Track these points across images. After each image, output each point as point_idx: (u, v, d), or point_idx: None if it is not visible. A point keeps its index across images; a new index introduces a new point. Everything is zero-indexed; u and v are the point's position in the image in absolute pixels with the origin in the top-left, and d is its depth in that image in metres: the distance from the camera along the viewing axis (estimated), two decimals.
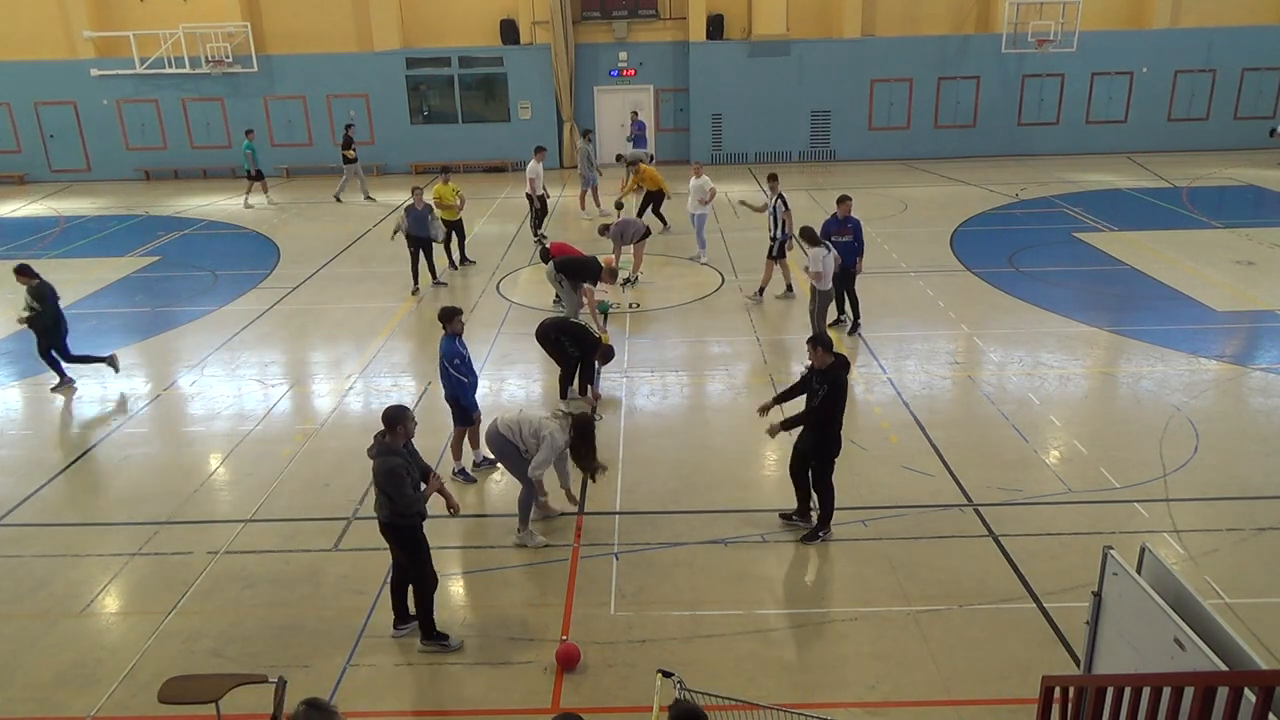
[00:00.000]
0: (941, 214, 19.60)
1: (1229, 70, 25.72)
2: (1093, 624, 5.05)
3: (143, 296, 15.50)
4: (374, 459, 6.27)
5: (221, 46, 25.01)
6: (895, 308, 13.72)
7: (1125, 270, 15.33)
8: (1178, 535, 7.69)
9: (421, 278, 15.07)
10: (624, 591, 7.16)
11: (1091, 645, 5.09)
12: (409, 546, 6.44)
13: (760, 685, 6.08)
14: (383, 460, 6.20)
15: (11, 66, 25.51)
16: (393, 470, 6.16)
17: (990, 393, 10.71)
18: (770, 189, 14.11)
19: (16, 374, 12.12)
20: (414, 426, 6.42)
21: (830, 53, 25.65)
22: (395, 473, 6.16)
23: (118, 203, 23.56)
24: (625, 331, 13.08)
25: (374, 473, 6.27)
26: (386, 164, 26.53)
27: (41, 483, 9.18)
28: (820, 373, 7.40)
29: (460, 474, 8.98)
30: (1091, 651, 5.10)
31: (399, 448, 6.29)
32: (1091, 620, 5.06)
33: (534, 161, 17.77)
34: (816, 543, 7.69)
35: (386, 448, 6.25)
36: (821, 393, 7.33)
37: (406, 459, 6.32)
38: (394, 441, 6.27)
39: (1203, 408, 10.10)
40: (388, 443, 6.26)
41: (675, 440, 9.77)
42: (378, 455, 6.25)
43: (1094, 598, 5.01)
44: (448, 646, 6.57)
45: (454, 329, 8.60)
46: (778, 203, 13.81)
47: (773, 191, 13.97)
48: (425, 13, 25.95)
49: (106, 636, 6.86)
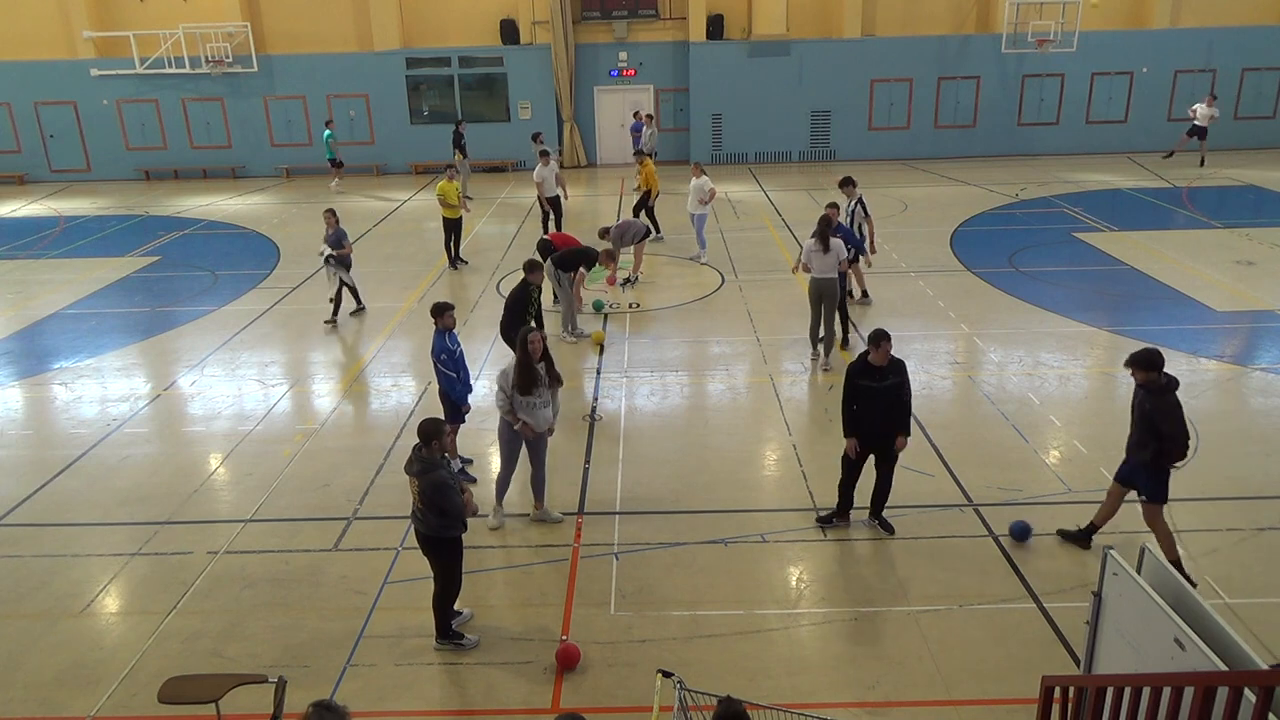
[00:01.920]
0: (941, 214, 19.60)
1: (1229, 70, 25.71)
2: (1093, 624, 5.06)
3: (143, 296, 15.50)
4: (418, 476, 6.13)
5: (221, 46, 25.00)
6: (895, 308, 13.72)
7: (1125, 270, 15.32)
8: (1178, 535, 7.67)
9: (344, 306, 13.93)
10: (624, 591, 7.16)
11: (1091, 645, 5.09)
12: (452, 557, 6.39)
13: (760, 685, 6.08)
14: (430, 476, 6.08)
15: (11, 66, 25.51)
16: (442, 484, 6.07)
17: (990, 393, 10.71)
18: (847, 194, 13.49)
19: (16, 374, 12.11)
20: (450, 440, 6.33)
21: (830, 53, 25.65)
22: (445, 486, 6.08)
23: (118, 203, 23.56)
24: (625, 331, 13.08)
25: (421, 490, 6.12)
26: (386, 164, 26.53)
27: (41, 483, 9.18)
28: (881, 369, 7.42)
29: (460, 474, 8.96)
30: (1091, 651, 5.10)
31: (440, 460, 6.20)
32: (1091, 620, 5.06)
33: (540, 165, 17.40)
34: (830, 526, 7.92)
35: (431, 462, 6.14)
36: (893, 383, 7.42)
37: (450, 470, 6.25)
38: (433, 454, 6.16)
39: (1203, 408, 10.09)
40: (427, 455, 6.15)
41: (675, 440, 9.77)
42: (422, 472, 6.11)
43: (1094, 598, 5.01)
44: (463, 645, 6.56)
45: (445, 324, 8.64)
46: (857, 207, 13.29)
47: (850, 196, 13.41)
48: (425, 13, 25.95)
49: (106, 636, 6.86)
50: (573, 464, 9.28)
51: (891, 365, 7.45)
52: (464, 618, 6.81)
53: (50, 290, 15.69)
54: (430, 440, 6.14)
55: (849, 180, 13.73)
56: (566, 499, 8.60)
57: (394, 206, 22.23)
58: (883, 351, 7.37)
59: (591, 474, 9.06)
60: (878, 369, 7.42)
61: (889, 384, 7.43)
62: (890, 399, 7.46)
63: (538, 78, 25.95)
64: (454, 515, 6.15)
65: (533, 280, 9.98)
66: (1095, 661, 5.08)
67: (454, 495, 6.11)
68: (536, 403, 7.69)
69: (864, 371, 7.48)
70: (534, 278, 10.00)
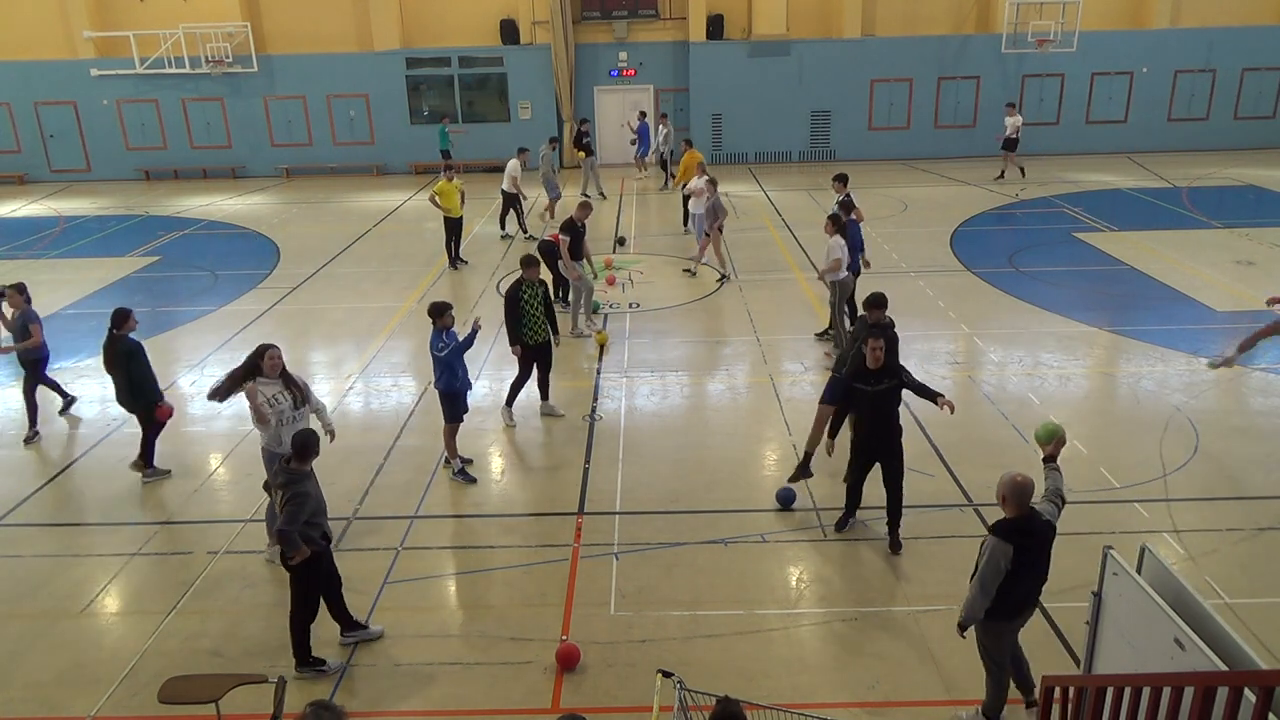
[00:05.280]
0: (941, 214, 19.60)
1: (1229, 70, 25.71)
2: (1093, 624, 5.06)
3: (143, 296, 15.49)
4: (281, 488, 6.00)
5: (221, 46, 25.00)
6: (895, 308, 13.56)
7: (1125, 270, 15.32)
8: (1178, 535, 7.69)
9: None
10: (624, 591, 7.16)
11: (1091, 645, 5.09)
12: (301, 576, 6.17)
13: (760, 685, 6.09)
14: (291, 488, 5.95)
15: (11, 66, 25.50)
16: (294, 497, 5.91)
17: (990, 393, 10.71)
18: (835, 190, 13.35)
19: (16, 374, 12.09)
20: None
21: (830, 53, 25.65)
22: (295, 501, 5.91)
23: (118, 203, 23.56)
24: (625, 331, 13.08)
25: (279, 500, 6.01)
26: (386, 164, 26.53)
27: (41, 483, 9.18)
28: (876, 373, 7.25)
29: (460, 474, 8.98)
30: (1091, 651, 5.10)
31: (305, 473, 6.09)
32: (1091, 620, 5.06)
33: (515, 160, 18.05)
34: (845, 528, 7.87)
35: (294, 475, 6.01)
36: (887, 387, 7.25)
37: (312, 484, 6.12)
38: (297, 469, 6.05)
39: (1203, 408, 10.09)
40: (293, 469, 6.04)
41: (675, 440, 9.77)
42: (284, 484, 5.98)
43: (1094, 598, 5.01)
44: (324, 671, 6.34)
45: (444, 323, 8.65)
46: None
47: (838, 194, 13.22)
48: (425, 13, 25.94)
49: (106, 636, 6.86)
50: (573, 464, 9.28)
51: (887, 369, 7.30)
52: (373, 634, 6.63)
53: (50, 290, 15.68)
54: (306, 455, 6.05)
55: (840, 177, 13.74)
56: (566, 499, 8.60)
57: (394, 206, 22.23)
58: (874, 355, 7.23)
59: (591, 474, 9.06)
60: (872, 372, 7.29)
61: (883, 388, 7.29)
62: (882, 404, 7.33)
63: (538, 78, 25.95)
64: (284, 535, 5.88)
65: (527, 277, 9.95)
66: (1095, 661, 5.08)
67: (294, 520, 5.87)
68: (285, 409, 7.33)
69: (859, 374, 7.36)
70: (529, 274, 9.97)
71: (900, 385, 7.36)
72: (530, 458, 9.64)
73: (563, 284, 13.70)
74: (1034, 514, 5.23)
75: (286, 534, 5.89)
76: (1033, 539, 5.18)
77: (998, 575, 5.11)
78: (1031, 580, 5.30)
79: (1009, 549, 5.09)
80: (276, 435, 7.25)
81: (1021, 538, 5.14)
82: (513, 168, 17.93)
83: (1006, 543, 5.10)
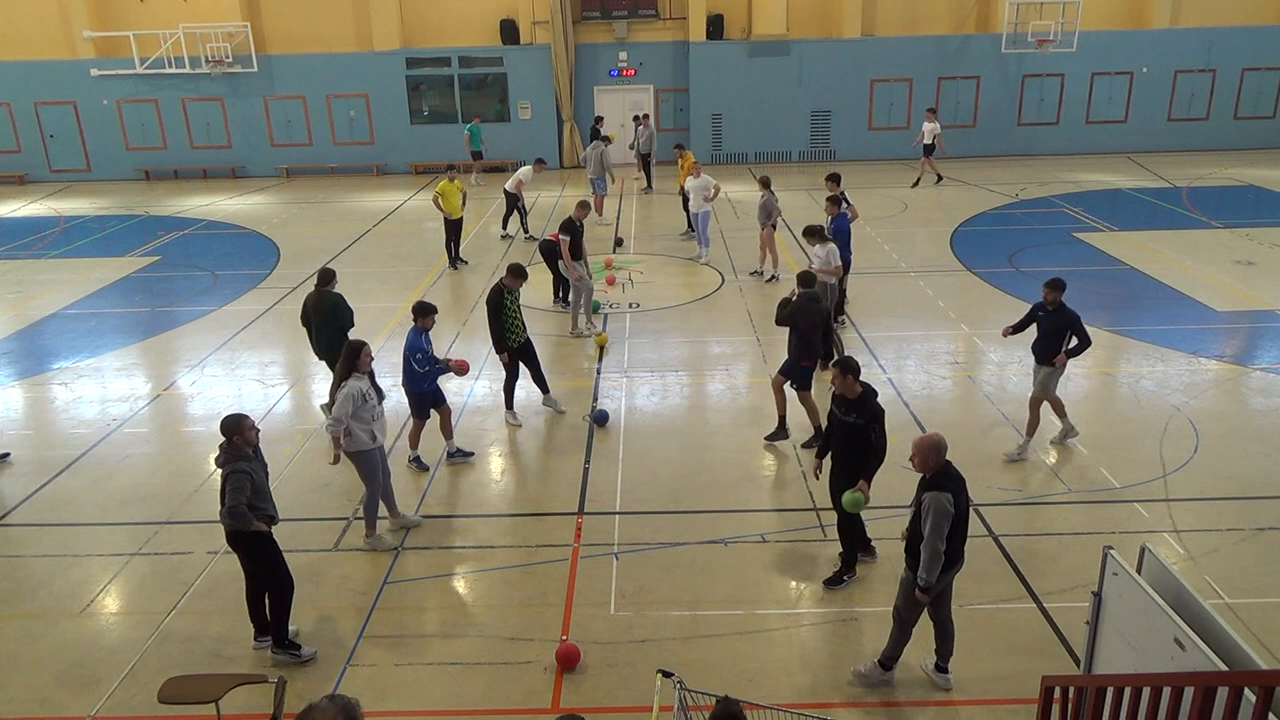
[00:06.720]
0: (941, 214, 19.60)
1: (1229, 70, 25.71)
2: (1093, 624, 5.06)
3: (142, 296, 15.49)
4: (221, 467, 6.19)
5: (221, 46, 25.00)
6: (895, 308, 13.72)
7: (1125, 270, 15.32)
8: (1178, 535, 7.69)
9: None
10: (624, 591, 7.16)
11: (1091, 645, 5.09)
12: (260, 553, 6.36)
13: (760, 685, 6.09)
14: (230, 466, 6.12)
15: (11, 66, 25.50)
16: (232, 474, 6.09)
17: (990, 393, 10.71)
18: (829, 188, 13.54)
19: (16, 374, 12.11)
20: (255, 434, 6.29)
21: (830, 53, 25.64)
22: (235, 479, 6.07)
23: (118, 203, 23.56)
24: (625, 331, 13.08)
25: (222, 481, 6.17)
26: (386, 164, 26.53)
27: (41, 483, 9.18)
28: (850, 403, 6.85)
29: (414, 462, 9.18)
30: (1091, 651, 5.10)
31: (245, 453, 6.21)
32: (1091, 620, 5.06)
33: (529, 168, 18.15)
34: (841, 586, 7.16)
35: (232, 455, 6.17)
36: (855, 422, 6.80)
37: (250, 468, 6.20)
38: (235, 448, 6.17)
39: (1203, 408, 10.09)
40: (230, 449, 6.18)
41: (675, 440, 9.77)
42: (224, 462, 6.17)
43: (1094, 598, 5.01)
44: (299, 656, 6.45)
45: (425, 325, 8.77)
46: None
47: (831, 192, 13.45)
48: (425, 13, 25.94)
49: (106, 636, 6.86)
50: (573, 464, 9.28)
51: (858, 405, 6.81)
52: (290, 633, 6.64)
53: (50, 290, 15.69)
54: (231, 435, 6.17)
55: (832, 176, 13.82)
56: (566, 499, 8.60)
57: (394, 206, 22.23)
58: (846, 383, 6.83)
59: (591, 474, 9.06)
60: (848, 400, 6.87)
61: (851, 421, 6.84)
62: (848, 436, 6.89)
63: (538, 78, 25.95)
64: (234, 511, 6.06)
65: (510, 285, 9.84)
66: (1095, 661, 5.08)
67: (239, 494, 6.05)
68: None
69: (836, 397, 7.01)
70: (512, 282, 9.86)
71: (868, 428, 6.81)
72: (530, 458, 9.64)
73: (563, 284, 13.70)
74: (949, 463, 5.73)
75: (236, 509, 6.05)
76: (960, 482, 5.69)
77: (948, 520, 5.57)
78: (962, 525, 5.75)
79: (949, 495, 5.57)
80: (370, 431, 7.47)
81: (953, 482, 5.65)
82: (523, 173, 17.99)
83: (945, 491, 5.58)
